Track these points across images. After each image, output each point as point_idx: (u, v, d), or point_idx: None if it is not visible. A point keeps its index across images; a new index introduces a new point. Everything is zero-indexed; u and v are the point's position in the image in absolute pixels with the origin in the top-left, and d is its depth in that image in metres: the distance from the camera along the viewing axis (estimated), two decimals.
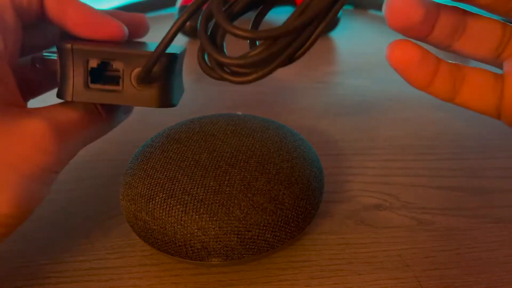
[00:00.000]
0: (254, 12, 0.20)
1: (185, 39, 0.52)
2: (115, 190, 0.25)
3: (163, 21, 0.57)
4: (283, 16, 0.22)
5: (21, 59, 0.22)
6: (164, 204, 0.21)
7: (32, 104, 0.23)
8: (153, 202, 0.21)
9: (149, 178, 0.22)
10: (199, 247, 0.21)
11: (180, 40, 0.52)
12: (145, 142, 0.25)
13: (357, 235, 0.25)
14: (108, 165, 0.31)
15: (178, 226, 0.21)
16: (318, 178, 0.24)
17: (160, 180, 0.22)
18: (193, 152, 0.23)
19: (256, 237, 0.21)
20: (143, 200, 0.22)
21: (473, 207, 0.27)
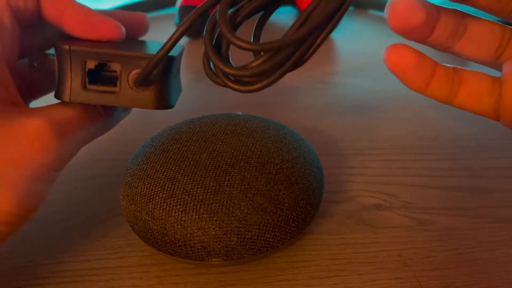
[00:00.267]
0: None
1: (185, 39, 0.52)
2: (115, 190, 0.25)
3: (163, 21, 0.57)
4: (283, 16, 0.22)
5: (20, 61, 0.22)
6: (164, 204, 0.21)
7: (33, 105, 0.23)
8: (153, 202, 0.21)
9: (149, 178, 0.22)
10: (199, 247, 0.21)
11: (181, 41, 0.52)
12: (145, 142, 0.25)
13: (357, 235, 0.25)
14: (108, 165, 0.31)
15: (178, 226, 0.21)
16: (318, 178, 0.24)
17: (160, 180, 0.22)
18: (193, 152, 0.23)
19: (256, 237, 0.21)
20: (143, 200, 0.22)
21: (473, 207, 0.27)
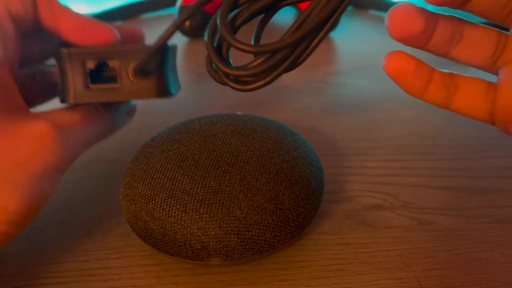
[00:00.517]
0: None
1: (185, 40, 0.52)
2: (115, 190, 0.25)
3: (163, 21, 0.57)
4: (283, 16, 0.22)
5: (20, 70, 0.23)
6: (164, 204, 0.21)
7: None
8: (153, 202, 0.21)
9: (149, 178, 0.22)
10: (199, 247, 0.21)
11: (181, 41, 0.52)
12: (145, 142, 0.25)
13: (357, 235, 0.25)
14: (108, 165, 0.31)
15: (178, 226, 0.21)
16: (318, 178, 0.24)
17: (160, 180, 0.22)
18: (193, 152, 0.23)
19: (256, 237, 0.21)
20: (143, 200, 0.22)
21: (473, 207, 0.27)
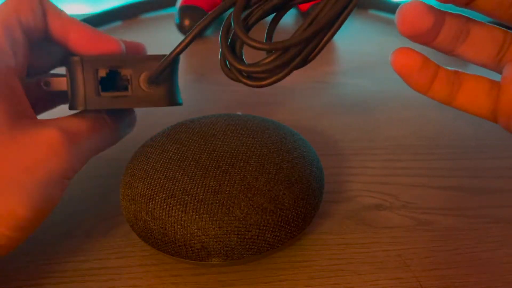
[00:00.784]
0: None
1: None
2: (115, 190, 0.25)
3: (163, 21, 0.57)
4: (284, 16, 0.22)
5: (26, 79, 0.24)
6: (164, 204, 0.21)
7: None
8: (153, 202, 0.21)
9: (149, 178, 0.22)
10: (199, 247, 0.21)
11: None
12: (145, 142, 0.25)
13: (357, 235, 0.25)
14: (108, 165, 0.31)
15: (178, 226, 0.21)
16: (318, 178, 0.24)
17: (160, 180, 0.22)
18: (193, 152, 0.23)
19: (256, 237, 0.21)
20: (143, 200, 0.22)
21: (473, 207, 0.27)
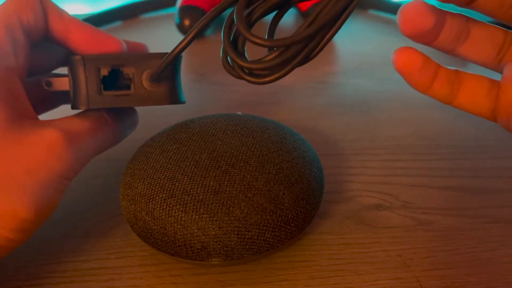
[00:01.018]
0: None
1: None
2: (115, 190, 0.25)
3: (163, 21, 0.56)
4: (283, 16, 0.22)
5: (28, 80, 0.24)
6: (164, 204, 0.21)
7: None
8: (153, 202, 0.21)
9: (149, 178, 0.22)
10: (199, 247, 0.21)
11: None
12: (145, 142, 0.25)
13: (357, 235, 0.25)
14: (108, 165, 0.31)
15: (178, 226, 0.21)
16: (318, 178, 0.24)
17: (160, 180, 0.22)
18: (193, 152, 0.23)
19: (256, 237, 0.21)
20: (143, 200, 0.22)
21: (473, 207, 0.27)
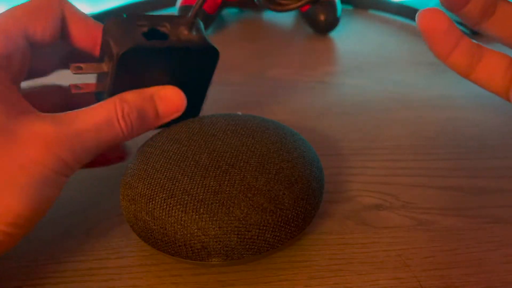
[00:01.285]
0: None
1: None
2: (115, 190, 0.25)
3: None
4: (283, 16, 0.22)
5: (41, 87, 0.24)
6: (164, 204, 0.21)
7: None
8: (153, 202, 0.21)
9: (149, 178, 0.22)
10: (199, 247, 0.21)
11: None
12: (145, 142, 0.25)
13: (357, 235, 0.25)
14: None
15: (178, 226, 0.21)
16: (318, 178, 0.24)
17: (160, 180, 0.22)
18: (193, 152, 0.23)
19: (256, 237, 0.21)
20: (143, 200, 0.22)
21: (473, 207, 0.27)
